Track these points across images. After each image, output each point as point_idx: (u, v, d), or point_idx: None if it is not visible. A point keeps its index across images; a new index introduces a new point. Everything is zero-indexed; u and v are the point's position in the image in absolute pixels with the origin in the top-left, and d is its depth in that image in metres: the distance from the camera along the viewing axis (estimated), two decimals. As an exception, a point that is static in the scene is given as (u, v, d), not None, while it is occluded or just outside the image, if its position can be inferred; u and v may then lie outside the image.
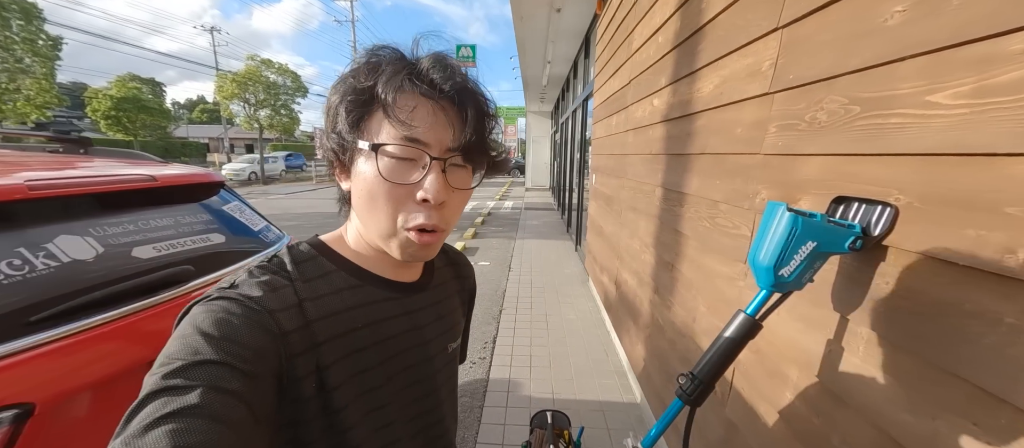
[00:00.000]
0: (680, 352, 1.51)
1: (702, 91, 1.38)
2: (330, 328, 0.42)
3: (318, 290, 0.43)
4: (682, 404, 0.77)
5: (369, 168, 0.41)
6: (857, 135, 0.71)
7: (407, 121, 0.39)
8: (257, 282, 0.40)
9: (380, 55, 0.42)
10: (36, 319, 0.77)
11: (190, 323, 0.36)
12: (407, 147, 0.40)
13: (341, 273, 0.46)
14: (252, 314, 0.37)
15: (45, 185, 0.90)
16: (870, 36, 0.69)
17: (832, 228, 0.66)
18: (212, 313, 0.36)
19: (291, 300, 0.41)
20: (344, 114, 0.41)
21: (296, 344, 0.39)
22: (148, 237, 1.06)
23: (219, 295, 0.38)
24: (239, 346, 0.35)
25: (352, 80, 0.41)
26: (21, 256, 0.82)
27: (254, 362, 0.35)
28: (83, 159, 1.41)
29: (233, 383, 0.33)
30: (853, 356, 0.71)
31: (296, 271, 0.43)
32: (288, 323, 0.39)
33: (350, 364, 0.43)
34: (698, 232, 1.38)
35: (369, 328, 0.45)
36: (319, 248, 0.47)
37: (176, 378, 0.32)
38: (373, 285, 0.47)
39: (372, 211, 0.42)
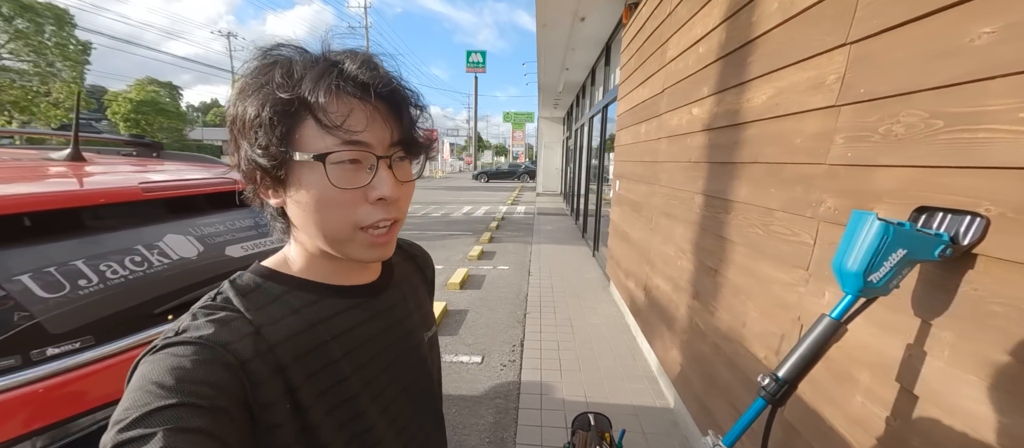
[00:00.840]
0: (726, 357, 1.54)
1: (753, 102, 1.42)
2: (294, 349, 0.41)
3: (272, 315, 0.42)
4: (765, 404, 0.80)
5: (314, 178, 0.40)
6: (941, 148, 0.75)
7: (346, 126, 0.38)
8: (204, 322, 0.39)
9: (287, 56, 0.40)
10: (159, 312, 0.83)
11: (140, 377, 0.34)
12: (352, 151, 0.39)
13: (295, 292, 0.45)
14: (204, 352, 0.36)
15: (155, 187, 0.96)
16: (954, 55, 0.73)
17: (921, 236, 0.69)
18: (161, 361, 0.35)
19: (245, 330, 0.39)
20: (270, 128, 0.38)
21: (259, 371, 0.38)
22: (236, 237, 1.12)
23: (165, 343, 0.37)
24: (196, 384, 0.34)
25: (268, 88, 0.38)
26: (140, 253, 0.88)
27: (215, 397, 0.34)
28: (157, 162, 1.49)
29: (195, 421, 0.32)
30: (937, 360, 0.74)
31: (244, 302, 0.42)
32: (245, 352, 0.38)
33: (320, 380, 0.43)
34: (749, 239, 1.41)
35: (336, 340, 0.45)
36: (264, 275, 0.45)
37: (133, 429, 0.30)
38: (332, 296, 0.47)
39: (323, 221, 0.41)
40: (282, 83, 0.38)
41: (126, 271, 0.83)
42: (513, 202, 12.76)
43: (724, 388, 1.56)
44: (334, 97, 0.38)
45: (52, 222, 0.79)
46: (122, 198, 0.90)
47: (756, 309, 1.36)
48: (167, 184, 1.01)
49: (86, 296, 0.76)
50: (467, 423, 2.14)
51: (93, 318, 0.75)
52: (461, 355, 2.84)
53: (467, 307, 3.69)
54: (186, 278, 0.93)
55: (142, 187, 0.94)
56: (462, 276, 4.33)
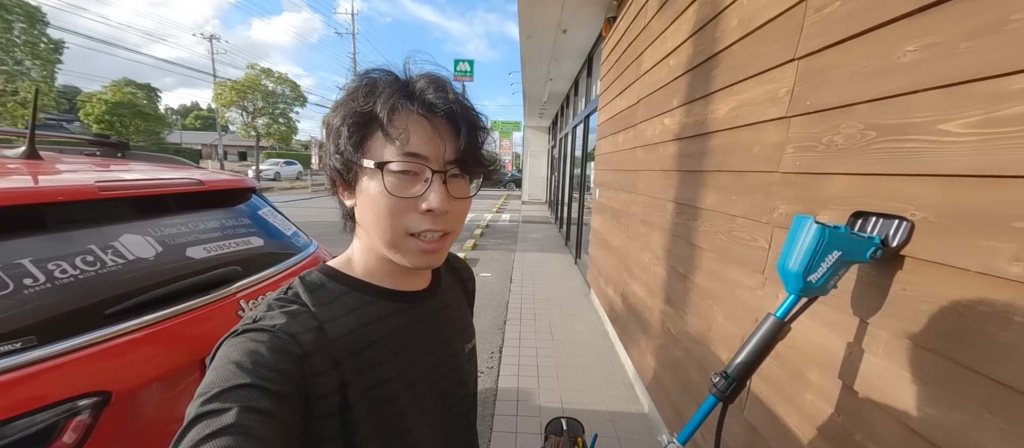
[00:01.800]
0: (697, 360, 1.57)
1: (718, 113, 1.48)
2: (348, 346, 0.45)
3: (334, 312, 0.46)
4: (716, 401, 0.83)
5: (375, 184, 0.44)
6: (874, 157, 0.80)
7: (407, 139, 0.42)
8: (278, 312, 0.44)
9: (374, 77, 0.45)
10: (110, 313, 0.81)
11: (222, 356, 0.40)
12: (409, 162, 0.43)
13: (353, 293, 0.49)
14: (275, 340, 0.40)
15: (112, 186, 0.95)
16: (886, 71, 0.78)
17: (855, 239, 0.74)
18: (240, 344, 0.40)
19: (310, 324, 0.44)
20: (347, 135, 0.44)
21: (318, 363, 0.42)
22: (199, 238, 1.10)
23: (244, 328, 0.42)
24: (267, 369, 0.38)
25: (352, 103, 0.44)
26: (93, 253, 0.86)
27: (281, 383, 0.38)
28: (122, 162, 1.46)
29: (264, 403, 0.36)
30: (874, 356, 0.78)
31: (311, 298, 0.46)
32: (309, 344, 0.42)
33: (367, 378, 0.46)
34: (716, 245, 1.46)
35: (384, 341, 0.48)
36: (328, 274, 0.50)
37: (213, 403, 0.35)
38: (384, 299, 0.50)
39: (379, 224, 0.45)
40: (363, 100, 0.43)
41: (76, 271, 0.81)
42: (498, 210, 12.78)
43: (695, 392, 1.59)
44: (400, 113, 0.43)
45: (-2, 220, 0.77)
46: (76, 197, 0.88)
47: (722, 313, 1.40)
48: (125, 183, 0.99)
49: (30, 296, 0.74)
50: (442, 431, 2.12)
51: (37, 318, 0.73)
52: (439, 362, 2.81)
53: (447, 314, 3.66)
54: (141, 279, 0.91)
55: (98, 186, 0.92)
56: (443, 283, 4.30)
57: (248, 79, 16.71)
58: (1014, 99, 0.58)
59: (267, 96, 17.28)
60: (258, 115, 17.43)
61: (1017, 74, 0.58)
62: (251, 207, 1.44)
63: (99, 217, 0.92)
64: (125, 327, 0.82)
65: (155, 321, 0.87)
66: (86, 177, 0.96)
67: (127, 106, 19.66)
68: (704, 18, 1.60)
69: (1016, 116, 0.58)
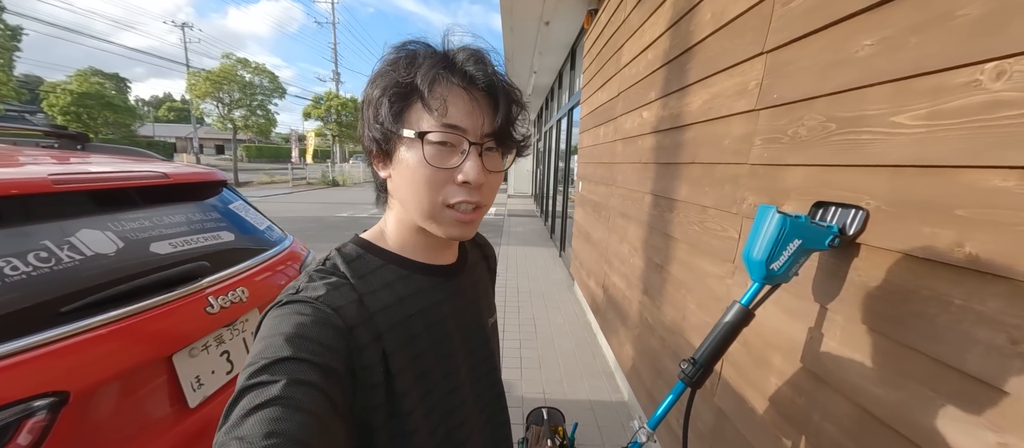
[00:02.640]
0: (671, 349, 1.61)
1: (692, 106, 1.50)
2: (388, 318, 0.46)
3: (372, 285, 0.47)
4: (685, 386, 0.85)
5: (413, 155, 0.44)
6: (834, 149, 0.82)
7: (445, 110, 0.43)
8: (319, 284, 0.44)
9: (413, 49, 0.45)
10: (66, 310, 0.79)
11: (268, 326, 0.40)
12: (448, 133, 0.43)
13: (389, 266, 0.49)
14: (320, 313, 0.41)
15: (67, 179, 0.91)
16: (844, 64, 0.81)
17: (814, 228, 0.76)
18: (285, 316, 0.41)
19: (351, 296, 0.44)
20: (388, 106, 0.44)
21: (361, 336, 0.43)
22: (164, 233, 1.07)
23: (288, 299, 0.43)
24: (312, 342, 0.39)
25: (392, 73, 0.44)
26: (47, 249, 0.83)
27: (325, 356, 0.39)
28: (80, 154, 1.40)
29: (310, 375, 0.37)
30: (831, 340, 0.82)
31: (349, 270, 0.47)
32: (352, 317, 0.43)
33: (408, 351, 0.47)
34: (689, 235, 1.49)
35: (421, 314, 0.49)
36: (364, 246, 0.51)
37: (262, 374, 0.36)
38: (419, 273, 0.51)
39: (416, 194, 0.46)
40: (404, 71, 0.44)
41: (28, 268, 0.78)
42: (484, 204, 12.72)
43: (669, 380, 1.63)
44: (441, 85, 0.43)
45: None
46: (27, 190, 0.84)
47: (694, 302, 1.44)
48: (82, 176, 0.95)
49: (-22, 294, 0.70)
50: (424, 424, 2.12)
51: (-15, 317, 0.70)
52: (422, 356, 2.80)
53: (431, 308, 3.65)
54: (101, 276, 0.88)
55: (52, 179, 0.88)
56: (427, 277, 4.28)
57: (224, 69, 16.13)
58: (957, 92, 0.61)
59: (244, 87, 16.72)
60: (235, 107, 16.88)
61: (960, 68, 0.60)
62: (221, 201, 1.40)
63: (54, 212, 0.88)
64: (83, 325, 0.79)
65: (116, 318, 0.84)
66: (39, 170, 0.92)
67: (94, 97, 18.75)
68: (680, 12, 1.62)
69: (958, 109, 0.60)
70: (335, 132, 20.51)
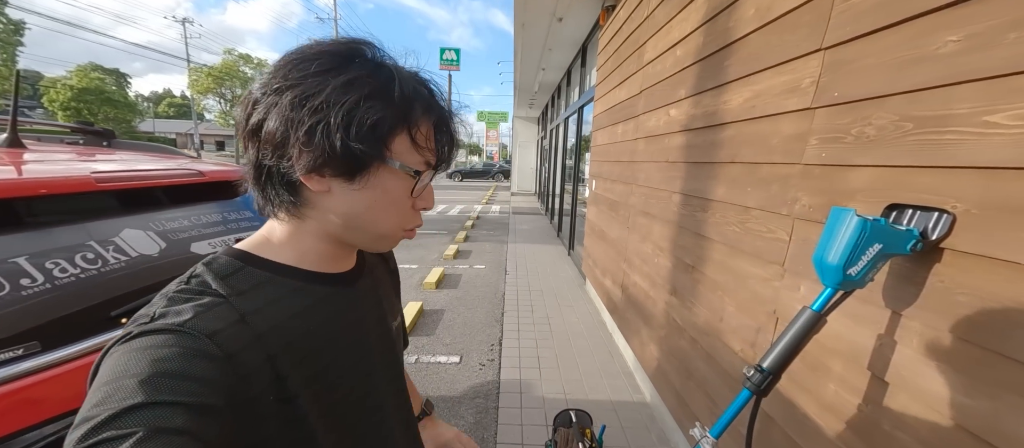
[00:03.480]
0: (705, 350, 1.59)
1: (730, 104, 1.47)
2: (282, 337, 0.40)
3: (255, 301, 0.40)
4: (751, 394, 0.82)
5: (396, 184, 0.43)
6: (911, 149, 0.79)
7: (432, 149, 0.44)
8: (184, 306, 0.35)
9: (390, 66, 0.41)
10: (116, 314, 0.76)
11: (111, 370, 0.31)
12: (430, 172, 0.45)
13: (280, 279, 0.43)
14: (186, 341, 0.33)
15: (110, 177, 0.88)
16: (923, 61, 0.78)
17: (895, 232, 0.73)
18: (136, 352, 0.32)
19: (230, 317, 0.37)
20: (371, 129, 0.38)
21: (246, 362, 0.36)
22: (202, 233, 1.04)
23: (140, 330, 0.33)
24: (177, 380, 0.31)
25: (385, 95, 0.39)
26: (94, 250, 0.80)
27: (199, 394, 0.31)
28: (107, 151, 1.37)
29: (177, 420, 0.29)
30: (907, 347, 0.79)
31: (224, 286, 0.39)
32: (232, 343, 0.35)
33: (307, 368, 0.42)
34: (726, 236, 1.46)
35: (323, 326, 0.45)
36: (243, 258, 0.43)
37: (106, 430, 0.27)
38: (317, 283, 0.46)
39: (382, 219, 0.44)
40: (396, 97, 0.40)
41: (77, 270, 0.75)
42: (488, 201, 12.72)
43: (701, 381, 1.61)
44: (425, 120, 0.43)
45: (-13, 215, 0.70)
46: (72, 189, 0.81)
47: (733, 304, 1.41)
48: (124, 174, 0.92)
49: (30, 297, 0.67)
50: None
51: (38, 322, 0.67)
52: (439, 355, 2.79)
53: (444, 307, 3.63)
54: (147, 277, 0.85)
55: (95, 177, 0.85)
56: (438, 275, 4.26)
57: (226, 65, 16.06)
58: (1067, 91, 0.58)
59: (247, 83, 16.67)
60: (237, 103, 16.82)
61: (1070, 66, 0.58)
62: (251, 199, 1.37)
63: (97, 211, 0.86)
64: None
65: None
66: (79, 167, 0.89)
67: (94, 92, 18.67)
68: (717, 7, 1.58)
69: (1069, 108, 0.57)
70: (337, 128, 20.38)
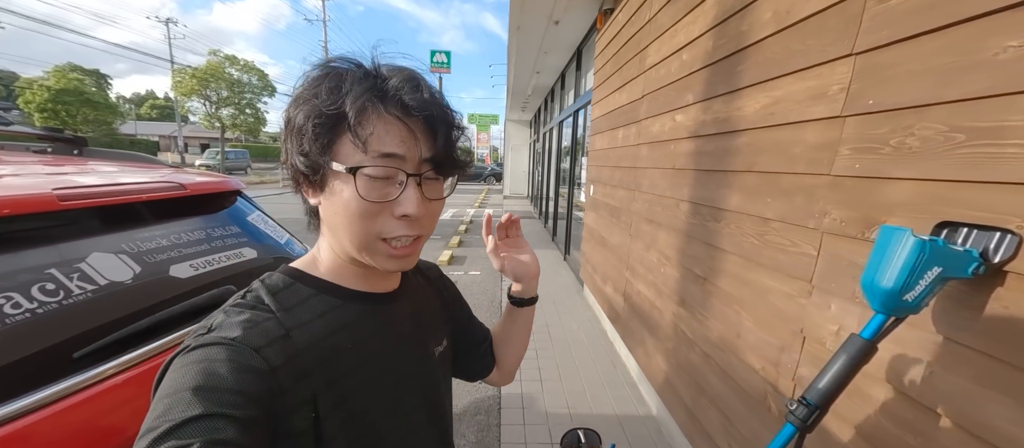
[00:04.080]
0: (718, 366, 1.52)
1: (745, 110, 1.41)
2: (317, 355, 0.42)
3: (300, 318, 0.43)
4: (795, 430, 0.75)
5: (346, 189, 0.41)
6: (962, 162, 0.74)
7: (380, 142, 0.40)
8: (237, 321, 0.39)
9: (339, 69, 0.41)
10: (81, 355, 0.66)
11: (173, 381, 0.34)
12: (383, 166, 0.40)
13: (321, 296, 0.45)
14: (236, 355, 0.36)
15: (76, 195, 0.77)
16: (976, 69, 0.72)
17: (955, 253, 0.67)
18: (194, 364, 0.35)
19: (276, 332, 0.40)
20: (313, 136, 0.40)
21: (287, 377, 0.38)
22: (183, 253, 0.94)
23: (197, 343, 0.37)
24: (228, 393, 0.34)
25: (316, 101, 0.40)
26: (54, 279, 0.69)
27: (246, 406, 0.34)
28: (79, 161, 1.25)
29: (228, 432, 0.32)
30: (961, 377, 0.73)
31: (274, 302, 0.42)
32: (276, 357, 0.38)
33: (338, 390, 0.43)
34: (742, 248, 1.40)
35: (355, 348, 0.45)
36: (293, 275, 0.46)
37: (168, 440, 0.30)
38: (355, 302, 0.47)
39: (349, 227, 0.42)
40: (327, 98, 0.39)
41: (33, 304, 0.64)
42: (480, 205, 12.61)
43: (715, 397, 1.55)
44: (372, 114, 0.40)
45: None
46: (29, 208, 0.70)
47: (751, 319, 1.35)
48: (92, 190, 0.81)
49: (-27, 341, 0.57)
50: (447, 444, 2.00)
51: (-17, 371, 0.57)
52: (436, 368, 2.68)
53: (440, 316, 3.53)
54: (118, 308, 0.75)
55: (58, 194, 0.74)
56: (433, 283, 4.16)
57: (211, 66, 15.68)
58: None
59: (232, 85, 16.29)
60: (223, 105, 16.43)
61: None
62: (238, 212, 1.27)
63: (60, 233, 0.75)
64: (103, 370, 0.66)
65: (141, 359, 0.72)
66: (40, 182, 0.78)
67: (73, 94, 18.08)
68: (728, 10, 1.53)
69: None
70: (326, 131, 20.05)
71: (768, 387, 1.25)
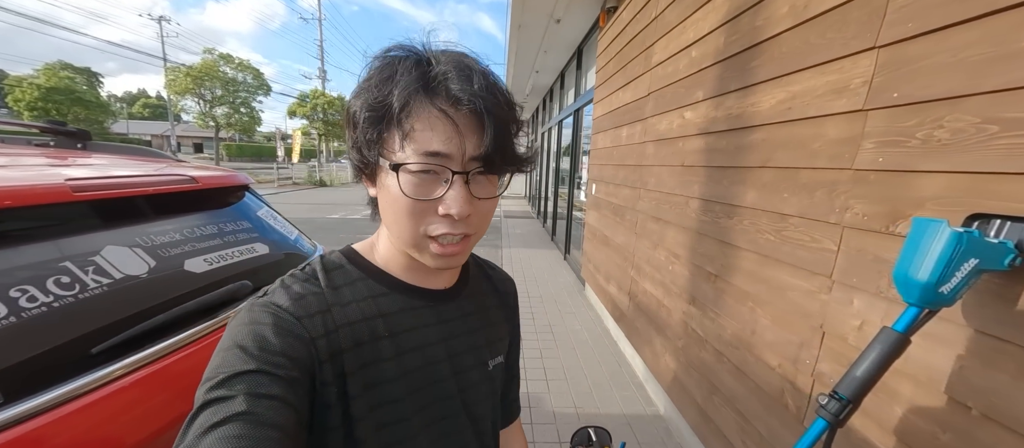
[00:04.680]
0: (733, 364, 1.52)
1: (760, 105, 1.40)
2: (352, 335, 0.42)
3: (344, 297, 0.44)
4: (827, 424, 0.74)
5: (392, 184, 0.41)
6: (997, 154, 0.73)
7: (425, 137, 0.39)
8: (287, 291, 0.42)
9: (393, 57, 0.41)
10: (98, 351, 0.63)
11: (229, 335, 0.38)
12: (426, 163, 0.39)
13: (368, 280, 0.46)
14: (281, 321, 0.39)
15: (90, 186, 0.75)
16: (1012, 59, 0.71)
17: (990, 245, 0.66)
18: (245, 325, 0.38)
19: (318, 306, 0.41)
20: (364, 129, 0.41)
21: (323, 349, 0.40)
22: (197, 248, 0.91)
23: (251, 306, 0.40)
24: (273, 353, 0.36)
25: (368, 93, 0.40)
26: (69, 272, 0.67)
27: (289, 367, 0.36)
28: (82, 154, 1.22)
29: (272, 388, 0.35)
30: (1000, 373, 0.72)
31: (326, 278, 0.44)
32: (315, 329, 0.40)
33: (368, 374, 0.43)
34: (758, 245, 1.39)
35: (392, 338, 0.45)
36: (349, 256, 0.48)
37: (220, 389, 0.33)
38: (401, 293, 0.47)
39: (397, 223, 0.43)
40: (378, 89, 0.39)
41: (49, 298, 0.62)
42: (478, 205, 12.57)
43: (730, 397, 1.54)
44: (417, 108, 0.38)
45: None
46: (43, 199, 0.68)
47: (767, 316, 1.34)
48: (105, 181, 0.79)
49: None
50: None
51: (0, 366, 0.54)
52: (441, 368, 2.66)
53: (442, 315, 3.50)
54: (134, 303, 0.72)
55: (71, 185, 0.71)
56: (434, 282, 4.13)
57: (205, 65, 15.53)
58: None
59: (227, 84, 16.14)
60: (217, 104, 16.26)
61: None
62: (248, 208, 1.24)
63: (74, 225, 0.72)
64: (121, 366, 0.64)
65: (159, 355, 0.69)
66: (51, 173, 0.76)
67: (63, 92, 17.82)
68: (740, 6, 1.52)
69: None
70: (322, 131, 19.99)
71: (786, 384, 1.25)
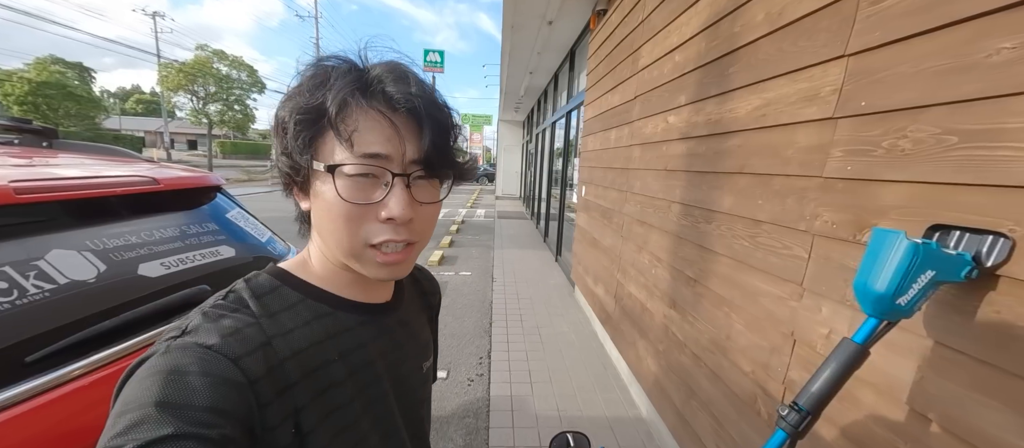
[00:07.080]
0: (709, 369, 1.51)
1: (737, 111, 1.40)
2: (302, 365, 0.39)
3: (285, 324, 0.39)
4: (787, 436, 0.74)
5: (328, 190, 0.38)
6: (955, 165, 0.73)
7: (361, 138, 0.37)
8: (215, 325, 0.35)
9: (327, 65, 0.40)
10: (33, 360, 0.61)
11: (137, 389, 0.31)
12: (365, 165, 0.37)
13: (308, 302, 0.42)
14: (210, 366, 0.33)
15: (34, 187, 0.73)
16: (969, 70, 0.71)
17: (948, 257, 0.66)
18: (163, 374, 0.31)
19: (257, 340, 0.36)
20: (295, 133, 0.38)
21: (267, 390, 0.35)
22: (154, 251, 0.89)
23: (168, 348, 0.33)
24: (200, 410, 0.30)
25: (299, 97, 0.38)
26: (7, 277, 0.65)
27: (221, 426, 0.31)
28: (47, 153, 1.19)
29: None
30: (954, 382, 0.72)
31: (258, 306, 0.39)
32: (256, 368, 0.35)
33: (325, 401, 0.40)
34: (734, 250, 1.39)
35: (343, 359, 0.42)
36: (281, 277, 0.43)
37: None
38: (345, 310, 0.45)
39: (334, 232, 0.40)
40: (310, 93, 0.38)
41: (-18, 304, 0.60)
42: (473, 205, 12.56)
43: (706, 401, 1.54)
44: (353, 109, 0.37)
45: None
46: (-20, 202, 0.66)
47: (741, 322, 1.34)
48: (53, 183, 0.77)
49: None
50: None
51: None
52: (425, 370, 2.64)
53: (429, 317, 3.49)
54: (79, 309, 0.70)
55: (14, 187, 0.70)
56: (423, 283, 4.11)
57: (198, 61, 15.39)
58: None
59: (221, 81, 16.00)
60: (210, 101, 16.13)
61: None
62: (217, 209, 1.22)
63: (17, 229, 0.70)
64: (59, 375, 0.62)
65: (101, 363, 0.67)
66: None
67: (55, 86, 17.60)
68: (720, 11, 1.52)
69: None
70: (317, 129, 19.85)
71: (758, 390, 1.24)
